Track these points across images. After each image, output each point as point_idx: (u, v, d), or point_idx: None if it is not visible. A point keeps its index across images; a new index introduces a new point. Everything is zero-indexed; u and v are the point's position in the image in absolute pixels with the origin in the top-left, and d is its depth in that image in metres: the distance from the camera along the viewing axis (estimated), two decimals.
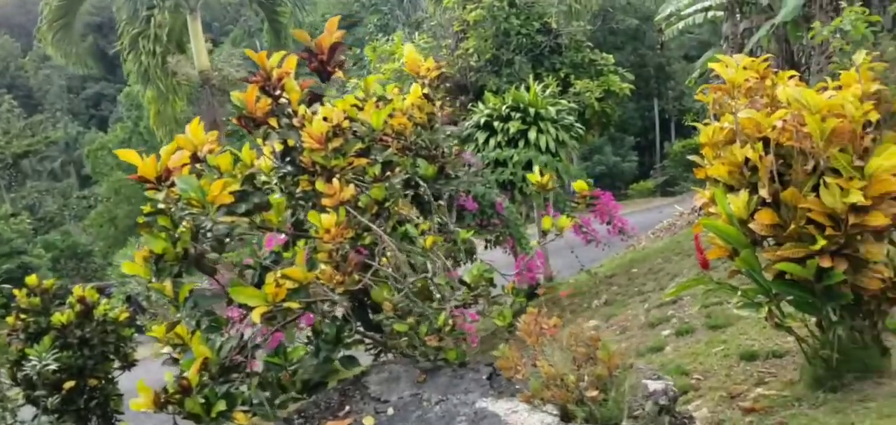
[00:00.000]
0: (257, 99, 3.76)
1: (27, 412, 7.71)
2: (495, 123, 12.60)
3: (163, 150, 3.79)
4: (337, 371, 3.80)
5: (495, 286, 3.90)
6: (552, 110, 12.74)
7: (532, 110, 12.51)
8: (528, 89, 13.13)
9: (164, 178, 3.66)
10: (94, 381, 8.20)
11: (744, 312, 4.70)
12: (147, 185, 3.69)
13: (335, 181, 3.43)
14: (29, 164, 53.78)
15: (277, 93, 3.80)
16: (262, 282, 3.57)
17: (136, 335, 8.70)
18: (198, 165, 3.73)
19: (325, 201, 3.42)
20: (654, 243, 16.15)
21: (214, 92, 15.34)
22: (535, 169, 4.57)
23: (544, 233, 4.30)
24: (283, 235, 4.09)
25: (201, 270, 3.72)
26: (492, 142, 12.49)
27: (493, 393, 3.45)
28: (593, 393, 2.57)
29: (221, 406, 3.31)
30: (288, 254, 3.88)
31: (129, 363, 8.72)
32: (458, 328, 3.67)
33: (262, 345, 3.84)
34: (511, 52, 15.35)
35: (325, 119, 3.51)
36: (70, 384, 7.74)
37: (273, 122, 3.75)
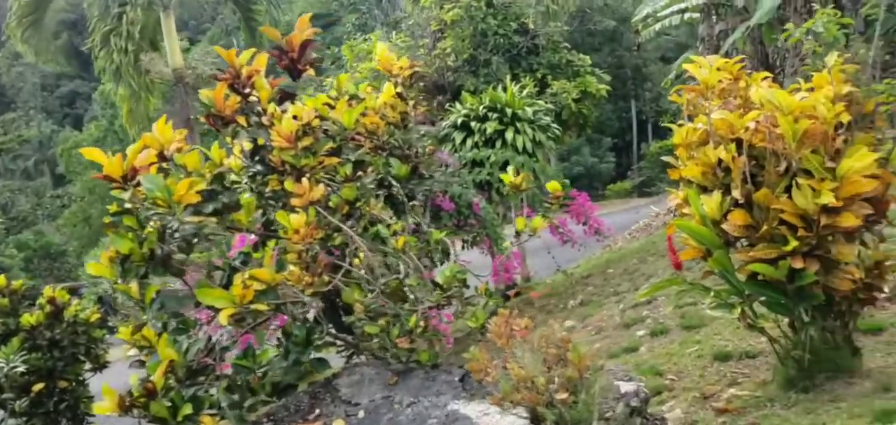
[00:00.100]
0: (226, 97, 3.70)
1: None
2: (472, 123, 12.56)
3: (129, 149, 3.72)
4: (307, 373, 3.75)
5: (469, 287, 3.87)
6: (529, 111, 12.73)
7: (509, 111, 12.49)
8: (505, 89, 13.12)
9: (130, 177, 3.59)
10: (65, 383, 8.06)
11: (717, 313, 4.71)
12: (113, 185, 3.63)
13: (305, 181, 3.38)
14: (1, 163, 53.01)
15: (247, 91, 3.75)
16: (230, 283, 3.51)
17: (108, 336, 8.56)
18: (164, 164, 3.67)
19: (295, 201, 3.37)
20: (631, 244, 16.21)
21: (188, 90, 15.16)
22: (510, 169, 4.53)
23: (518, 233, 4.27)
24: (253, 236, 4.03)
25: (168, 271, 3.66)
26: (469, 142, 12.44)
27: (466, 395, 3.42)
28: (563, 395, 2.54)
29: (188, 409, 3.25)
30: (258, 255, 3.83)
31: (100, 364, 8.58)
32: (432, 329, 3.64)
33: (231, 347, 3.78)
34: (488, 53, 15.33)
35: (294, 117, 3.46)
36: (39, 386, 7.60)
37: (242, 121, 3.70)
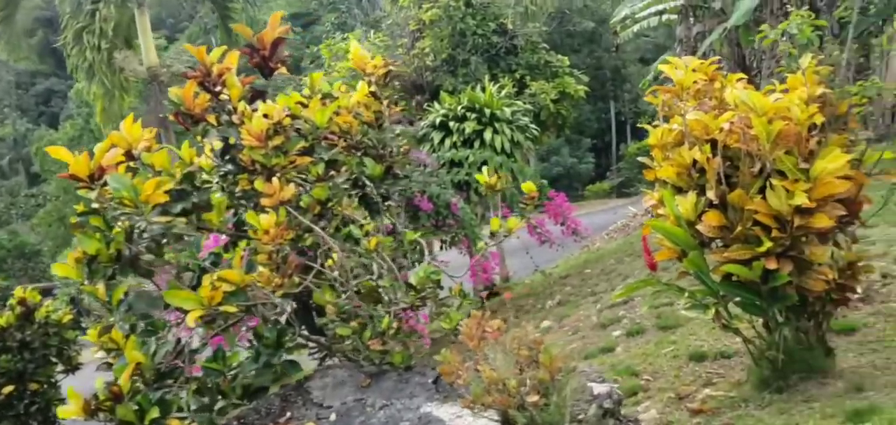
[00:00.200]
0: (196, 95, 3.64)
1: None
2: (451, 123, 12.55)
3: (97, 148, 3.65)
4: (279, 376, 3.69)
5: (443, 288, 3.83)
6: (507, 111, 12.74)
7: (487, 111, 12.49)
8: (483, 90, 13.11)
9: (98, 177, 3.52)
10: (36, 386, 7.92)
11: (691, 314, 4.71)
12: (80, 184, 3.55)
13: (275, 180, 3.33)
14: None
15: (218, 89, 3.69)
16: (200, 284, 3.45)
17: (80, 337, 8.43)
18: (132, 163, 3.60)
19: (265, 201, 3.32)
20: (609, 244, 16.27)
21: (163, 89, 14.93)
22: (485, 169, 4.50)
23: (492, 234, 4.24)
24: (225, 236, 3.97)
25: (136, 272, 3.59)
26: (447, 142, 12.44)
27: (439, 398, 3.39)
28: (534, 397, 2.52)
29: (155, 413, 3.19)
30: (229, 256, 3.77)
31: (72, 366, 8.45)
32: (408, 330, 3.60)
33: (202, 350, 3.72)
34: (467, 53, 15.32)
35: (265, 116, 3.40)
36: (9, 389, 7.47)
37: (212, 119, 3.64)
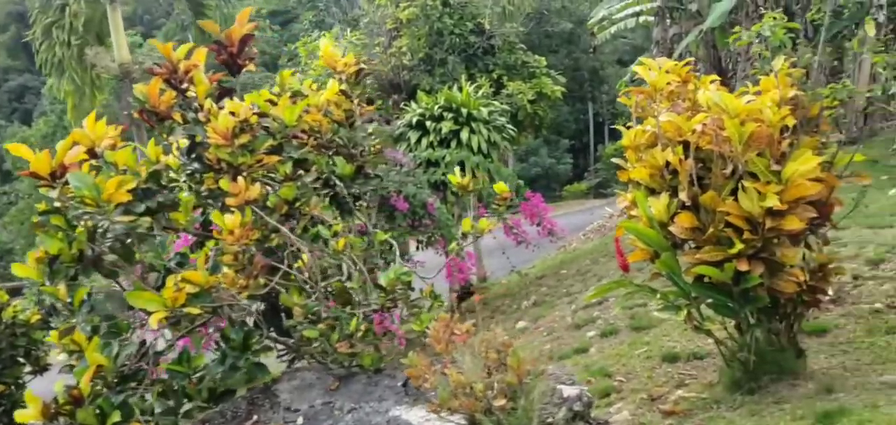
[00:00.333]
0: (162, 92, 3.57)
1: None
2: (428, 123, 12.50)
3: (59, 145, 3.56)
4: (248, 378, 3.63)
5: (413, 290, 3.78)
6: (484, 111, 12.72)
7: (464, 111, 12.45)
8: (460, 89, 13.09)
9: (60, 175, 3.44)
10: (2, 387, 7.77)
11: (664, 315, 4.71)
12: (41, 182, 3.47)
13: (240, 179, 3.26)
14: None
15: (184, 86, 3.62)
16: (165, 285, 3.38)
17: (45, 338, 8.28)
18: (95, 161, 3.52)
19: (230, 201, 3.25)
20: (585, 244, 16.32)
21: (135, 86, 14.71)
22: (457, 170, 4.46)
23: (465, 235, 4.20)
24: (191, 236, 3.89)
25: (100, 272, 3.51)
26: (424, 141, 12.38)
27: (408, 401, 3.34)
28: (501, 401, 2.48)
29: (116, 417, 3.10)
30: (197, 256, 3.70)
31: (40, 367, 8.30)
32: (380, 331, 3.55)
33: (168, 352, 3.65)
34: (444, 52, 15.28)
35: (232, 113, 3.34)
36: None
37: (177, 117, 3.57)
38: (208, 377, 3.53)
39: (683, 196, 4.41)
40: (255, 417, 3.47)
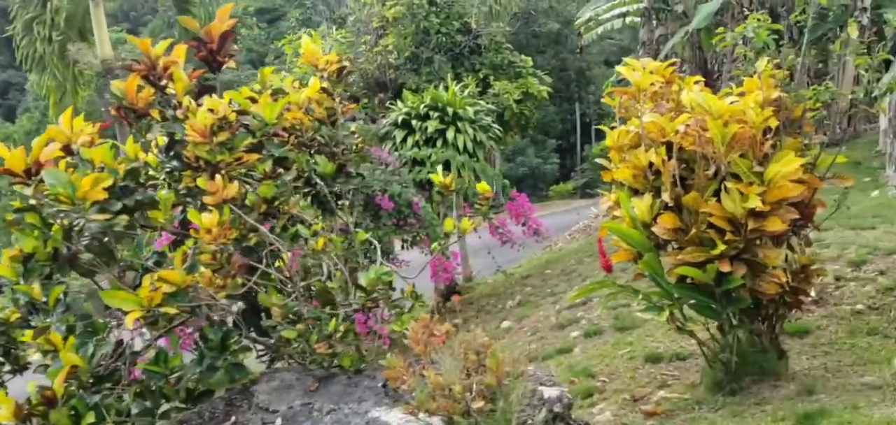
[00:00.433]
0: (139, 88, 3.52)
1: None
2: (413, 122, 12.48)
3: (34, 142, 3.51)
4: (226, 379, 3.58)
5: (394, 289, 3.75)
6: (470, 110, 12.71)
7: (450, 110, 12.44)
8: (446, 88, 13.06)
9: (35, 172, 3.38)
10: None
11: (646, 315, 4.70)
12: (15, 180, 3.41)
13: (218, 178, 3.22)
14: None
15: (163, 82, 3.57)
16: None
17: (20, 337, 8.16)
18: (71, 158, 3.47)
19: (207, 199, 3.21)
20: (570, 244, 16.33)
21: (112, 82, 14.50)
22: (440, 169, 4.44)
23: (447, 234, 4.17)
24: (170, 235, 3.84)
25: (76, 271, 3.46)
26: (410, 140, 12.36)
27: (388, 402, 3.31)
28: (480, 403, 2.46)
29: (91, 418, 3.06)
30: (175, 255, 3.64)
31: (20, 366, 8.19)
32: (363, 333, 3.51)
33: (144, 352, 3.60)
34: (430, 51, 15.25)
35: (210, 110, 3.30)
36: None
37: (155, 114, 3.52)
38: (186, 377, 3.48)
39: (666, 197, 4.40)
40: (233, 418, 3.43)
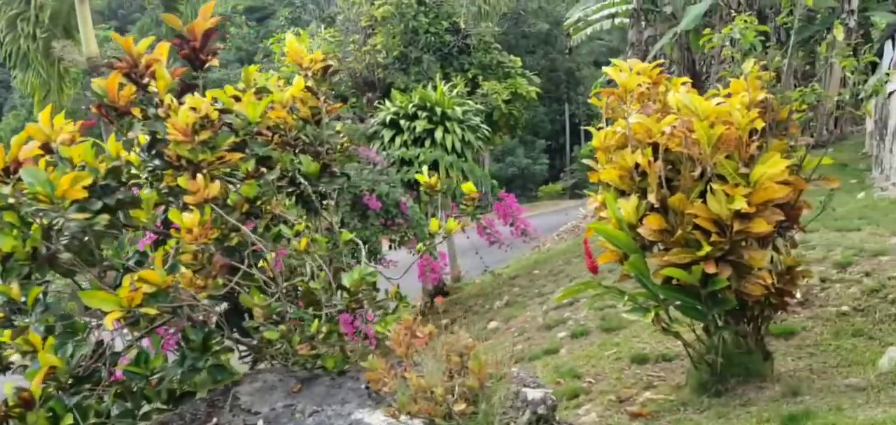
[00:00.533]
0: (121, 86, 3.48)
1: None
2: (402, 122, 12.46)
3: (13, 140, 3.46)
4: (208, 380, 3.55)
5: (378, 290, 3.73)
6: (458, 110, 12.70)
7: (439, 110, 12.43)
8: (435, 88, 13.05)
9: (14, 170, 3.34)
10: None
11: (632, 316, 4.69)
12: None
13: (199, 177, 3.19)
14: None
15: (146, 80, 3.53)
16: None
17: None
18: (50, 156, 3.43)
19: (188, 198, 3.17)
20: (558, 245, 16.34)
21: (93, 80, 14.33)
22: (425, 169, 4.41)
23: (432, 235, 4.15)
24: (153, 234, 3.80)
25: (56, 271, 3.42)
26: (398, 140, 12.34)
27: (371, 404, 3.28)
28: (461, 406, 2.44)
29: (69, 419, 3.02)
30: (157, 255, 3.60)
31: (2, 366, 8.11)
32: (349, 333, 3.48)
33: (127, 352, 3.56)
34: (419, 50, 15.23)
35: (192, 109, 3.26)
36: None
37: (136, 112, 3.48)
38: (167, 378, 3.44)
39: (652, 198, 4.39)
40: (214, 420, 3.39)
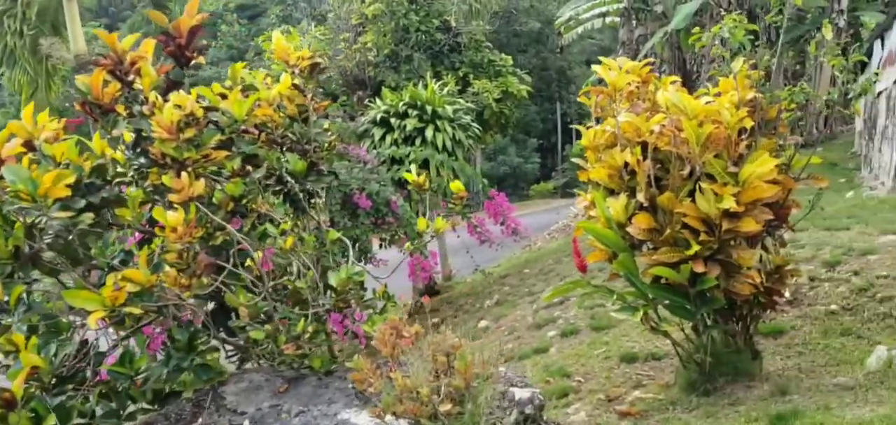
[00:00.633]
0: (105, 83, 3.44)
1: None
2: (392, 120, 12.43)
3: None
4: (194, 380, 3.52)
5: (365, 290, 3.70)
6: (449, 109, 12.68)
7: (429, 108, 12.40)
8: (426, 87, 13.02)
9: None
10: None
11: (621, 315, 4.69)
12: None
13: (184, 175, 3.16)
14: None
15: (131, 78, 3.50)
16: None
17: None
18: (33, 154, 3.38)
19: (173, 197, 3.14)
20: (549, 244, 16.35)
21: (77, 77, 14.21)
22: (414, 168, 4.39)
23: (420, 233, 4.13)
24: (138, 233, 3.77)
25: (39, 270, 3.38)
26: (388, 138, 12.31)
27: (358, 404, 3.26)
28: (447, 406, 2.42)
29: (52, 420, 2.99)
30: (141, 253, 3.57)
31: None
32: (339, 332, 3.46)
33: (111, 352, 3.52)
34: (410, 49, 15.20)
35: (177, 106, 3.23)
36: None
37: (121, 109, 3.44)
38: (152, 378, 3.41)
39: (641, 197, 4.39)
40: (200, 420, 3.37)
